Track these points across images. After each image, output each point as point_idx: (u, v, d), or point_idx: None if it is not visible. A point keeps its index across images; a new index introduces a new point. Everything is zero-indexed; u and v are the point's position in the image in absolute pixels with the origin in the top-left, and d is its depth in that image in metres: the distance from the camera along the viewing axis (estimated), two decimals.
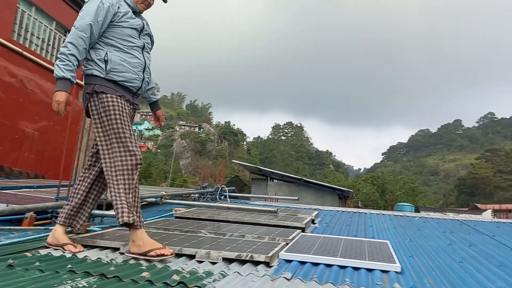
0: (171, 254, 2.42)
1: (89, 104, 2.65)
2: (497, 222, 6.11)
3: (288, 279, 2.14)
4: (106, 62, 2.61)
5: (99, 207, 3.87)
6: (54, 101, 2.58)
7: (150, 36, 2.90)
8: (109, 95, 2.59)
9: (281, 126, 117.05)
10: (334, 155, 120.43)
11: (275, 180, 21.49)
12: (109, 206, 4.19)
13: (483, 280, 2.36)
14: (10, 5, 10.47)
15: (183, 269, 2.22)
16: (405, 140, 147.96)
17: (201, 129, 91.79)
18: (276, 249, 2.67)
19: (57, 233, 2.62)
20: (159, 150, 77.38)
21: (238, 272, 2.21)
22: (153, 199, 4.95)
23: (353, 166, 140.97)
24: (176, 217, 4.17)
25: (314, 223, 4.72)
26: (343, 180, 45.52)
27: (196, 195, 6.49)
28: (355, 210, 6.89)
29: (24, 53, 10.67)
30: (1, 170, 9.83)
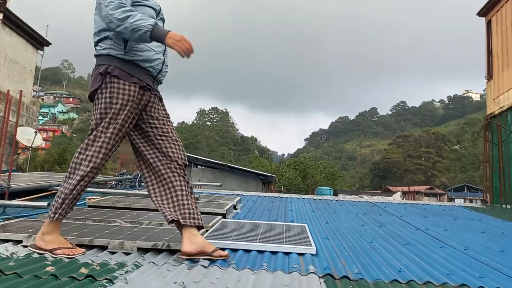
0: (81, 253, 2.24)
1: (100, 86, 2.32)
2: (405, 203, 6.60)
3: (205, 267, 2.10)
4: (126, 40, 2.31)
5: (1, 197, 3.54)
6: (177, 42, 2.19)
7: (163, 21, 2.63)
8: (121, 82, 2.29)
9: (206, 112, 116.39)
10: (259, 141, 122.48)
11: (199, 166, 21.31)
12: (13, 196, 3.85)
13: (390, 259, 2.51)
14: None
15: (93, 262, 2.09)
16: (326, 127, 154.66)
17: None
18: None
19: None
20: (75, 135, 73.03)
21: (153, 262, 2.12)
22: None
23: (277, 152, 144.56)
24: (90, 206, 3.93)
25: (236, 209, 4.73)
26: (267, 165, 46.46)
27: (114, 182, 6.20)
28: (276, 195, 7.04)
29: None
30: None
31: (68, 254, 2.18)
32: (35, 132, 11.92)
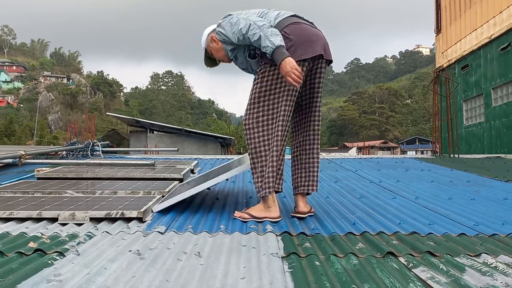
0: None
1: None
2: (360, 158, 6.80)
3: (161, 233, 2.06)
4: None
5: None
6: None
7: None
8: None
9: (161, 76, 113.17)
10: (217, 104, 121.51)
11: (155, 132, 20.91)
12: None
13: (345, 212, 2.58)
14: None
15: (42, 235, 2.00)
16: None
17: (70, 80, 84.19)
18: (150, 203, 2.57)
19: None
20: (21, 105, 69.37)
21: (107, 232, 2.06)
22: (11, 160, 4.39)
23: (235, 114, 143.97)
24: (39, 178, 3.76)
25: (194, 173, 4.69)
26: (225, 128, 46.26)
27: (64, 152, 5.95)
28: (235, 156, 7.04)
29: None
30: None
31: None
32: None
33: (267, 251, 1.77)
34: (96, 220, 2.29)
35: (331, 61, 2.56)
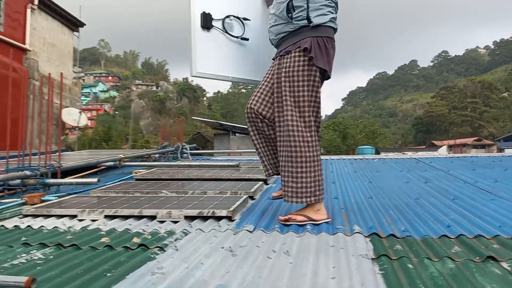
0: None
1: None
2: (452, 157, 6.40)
3: (250, 232, 2.14)
4: None
5: (54, 175, 3.73)
6: None
7: None
8: None
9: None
10: None
11: (237, 134, 21.47)
12: (65, 174, 4.04)
13: (438, 215, 2.46)
14: None
15: (144, 231, 2.18)
16: (364, 84, 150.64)
17: (159, 88, 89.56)
18: (238, 203, 2.67)
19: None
20: (117, 112, 75.24)
21: (200, 229, 2.19)
22: (112, 163, 4.82)
23: None
24: (137, 179, 4.08)
25: None
26: None
27: (157, 155, 6.38)
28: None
29: None
30: None
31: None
32: (80, 112, 12.37)
33: (355, 252, 1.76)
34: (190, 218, 2.44)
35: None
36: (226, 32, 2.87)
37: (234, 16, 2.92)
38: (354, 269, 1.55)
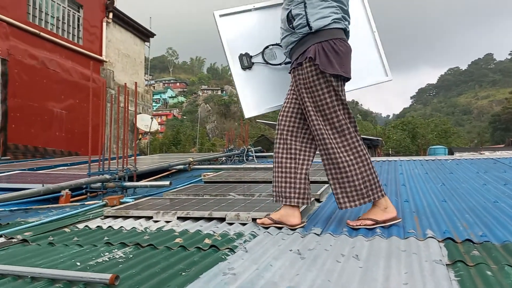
0: None
1: None
2: None
3: (318, 235, 2.15)
4: None
5: (130, 179, 3.97)
6: None
7: None
8: None
9: None
10: (361, 104, 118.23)
11: None
12: (139, 177, 4.29)
13: None
14: None
15: (214, 232, 2.26)
16: (434, 81, 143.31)
17: (224, 92, 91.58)
18: (304, 205, 2.68)
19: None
20: (185, 117, 78.06)
21: (268, 232, 2.23)
22: (182, 166, 5.04)
23: (381, 114, 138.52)
24: (205, 182, 4.23)
25: None
26: (371, 128, 44.93)
27: (224, 158, 6.55)
28: (384, 158, 6.82)
29: (42, 34, 10.75)
30: (35, 151, 10.20)
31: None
32: (151, 118, 13.04)
33: (429, 257, 1.70)
34: (258, 219, 2.49)
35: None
36: (268, 63, 2.85)
37: (271, 45, 2.86)
38: (427, 275, 1.51)
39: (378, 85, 3.11)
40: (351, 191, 2.29)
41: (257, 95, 2.92)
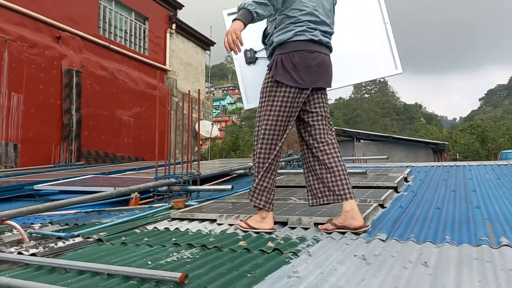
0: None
1: None
2: None
3: (383, 240, 2.10)
4: None
5: (194, 183, 4.11)
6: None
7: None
8: None
9: (363, 84, 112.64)
10: (425, 107, 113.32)
11: (361, 141, 20.93)
12: (202, 181, 4.42)
13: None
14: (92, 2, 11.21)
15: (277, 236, 2.29)
16: (505, 82, 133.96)
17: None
18: (368, 210, 2.63)
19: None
20: (243, 123, 79.15)
21: (331, 237, 2.22)
22: (242, 171, 5.13)
23: (446, 117, 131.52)
24: None
25: (407, 181, 4.54)
26: (436, 132, 42.85)
27: (283, 163, 6.58)
28: (452, 163, 6.50)
29: (111, 46, 11.43)
30: (106, 156, 10.84)
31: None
32: (212, 124, 13.40)
33: (504, 266, 1.61)
34: (320, 225, 2.48)
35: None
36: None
37: None
38: (504, 284, 1.43)
39: (443, 87, 3.03)
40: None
41: (259, 88, 3.01)
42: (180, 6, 14.01)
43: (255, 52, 3.00)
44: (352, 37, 2.97)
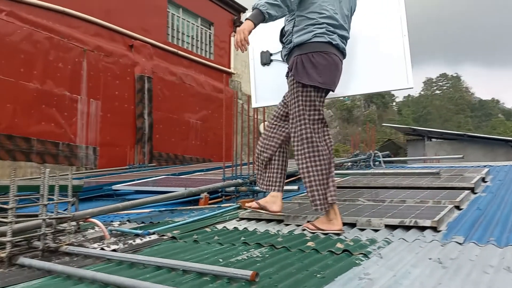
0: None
1: None
2: None
3: (460, 243, 2.00)
4: None
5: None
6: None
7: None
8: None
9: (434, 80, 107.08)
10: (503, 103, 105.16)
11: (433, 139, 19.92)
12: None
13: None
14: (161, 11, 11.77)
15: (346, 238, 2.26)
16: None
17: (346, 97, 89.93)
18: (443, 212, 2.51)
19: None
20: None
21: (403, 239, 2.15)
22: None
23: None
24: None
25: (485, 182, 4.27)
26: None
27: (349, 163, 6.45)
28: None
29: (179, 52, 11.92)
30: (175, 158, 11.32)
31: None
32: None
33: None
34: (391, 227, 2.41)
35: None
36: (285, 61, 2.90)
37: None
38: None
39: None
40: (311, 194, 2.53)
41: (269, 89, 3.16)
42: (244, 10, 14.26)
43: (271, 54, 3.14)
44: (369, 45, 2.98)
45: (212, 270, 1.70)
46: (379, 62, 2.91)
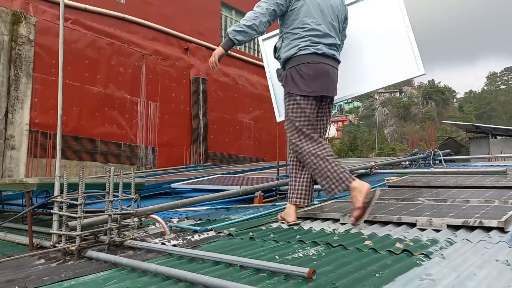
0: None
1: None
2: None
3: None
4: None
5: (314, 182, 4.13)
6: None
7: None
8: None
9: (498, 74, 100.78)
10: None
11: (498, 137, 18.76)
12: None
13: None
14: (215, 14, 12.02)
15: (405, 237, 2.20)
16: None
17: (403, 94, 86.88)
18: (511, 212, 2.37)
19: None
20: (361, 122, 76.94)
21: (467, 239, 2.06)
22: (363, 171, 5.00)
23: None
24: (389, 186, 4.11)
25: None
26: None
27: (407, 162, 6.24)
28: None
29: (232, 53, 12.11)
30: (229, 157, 11.51)
31: None
32: (329, 124, 13.29)
33: None
34: (453, 228, 2.31)
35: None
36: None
37: None
38: None
39: None
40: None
41: None
42: None
43: None
44: (377, 43, 3.16)
45: (269, 266, 1.72)
46: (389, 56, 3.09)
